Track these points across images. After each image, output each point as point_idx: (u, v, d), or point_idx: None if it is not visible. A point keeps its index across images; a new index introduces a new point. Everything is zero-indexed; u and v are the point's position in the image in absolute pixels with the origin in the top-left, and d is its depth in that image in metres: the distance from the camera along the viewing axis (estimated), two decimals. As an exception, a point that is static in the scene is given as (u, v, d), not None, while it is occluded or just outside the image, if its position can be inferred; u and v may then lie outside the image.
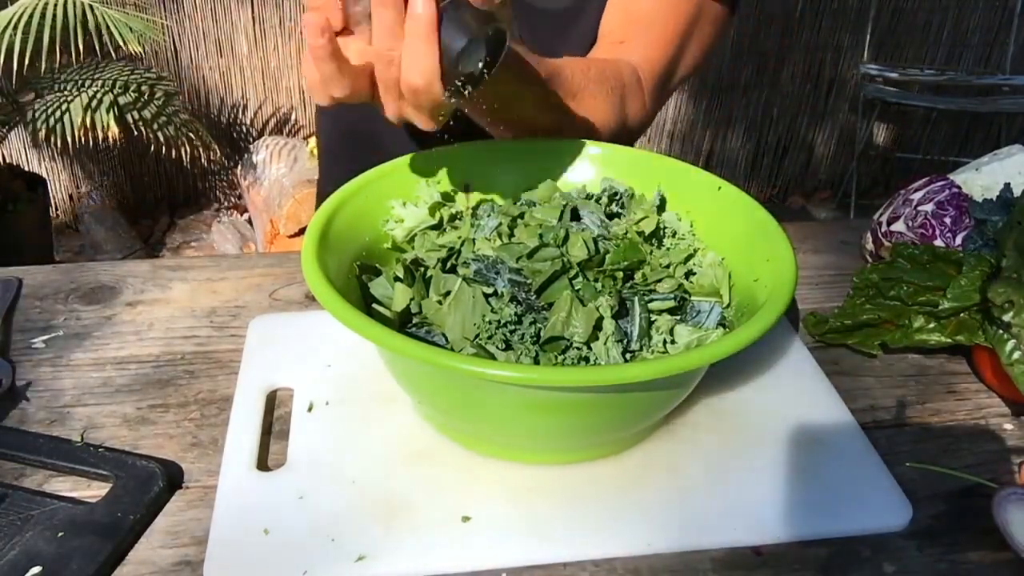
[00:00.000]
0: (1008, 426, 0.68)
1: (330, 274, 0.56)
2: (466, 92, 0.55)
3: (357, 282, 0.62)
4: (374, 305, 0.61)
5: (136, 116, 2.27)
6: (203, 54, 2.73)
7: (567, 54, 0.76)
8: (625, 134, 0.84)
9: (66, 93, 2.24)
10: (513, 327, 0.58)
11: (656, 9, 0.84)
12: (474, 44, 0.53)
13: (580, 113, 0.76)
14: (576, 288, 0.59)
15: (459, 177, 0.72)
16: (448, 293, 0.60)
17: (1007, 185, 0.80)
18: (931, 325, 0.72)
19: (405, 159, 0.70)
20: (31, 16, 2.00)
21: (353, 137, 1.01)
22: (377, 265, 0.65)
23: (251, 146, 2.75)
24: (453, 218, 0.69)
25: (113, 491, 0.57)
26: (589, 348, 0.57)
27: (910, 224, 0.81)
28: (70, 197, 2.84)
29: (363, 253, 0.65)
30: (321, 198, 1.15)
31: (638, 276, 0.63)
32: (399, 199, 0.68)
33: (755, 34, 2.95)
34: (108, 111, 2.21)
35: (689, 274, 0.66)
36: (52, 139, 2.21)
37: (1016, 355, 0.64)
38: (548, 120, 0.75)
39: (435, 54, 0.53)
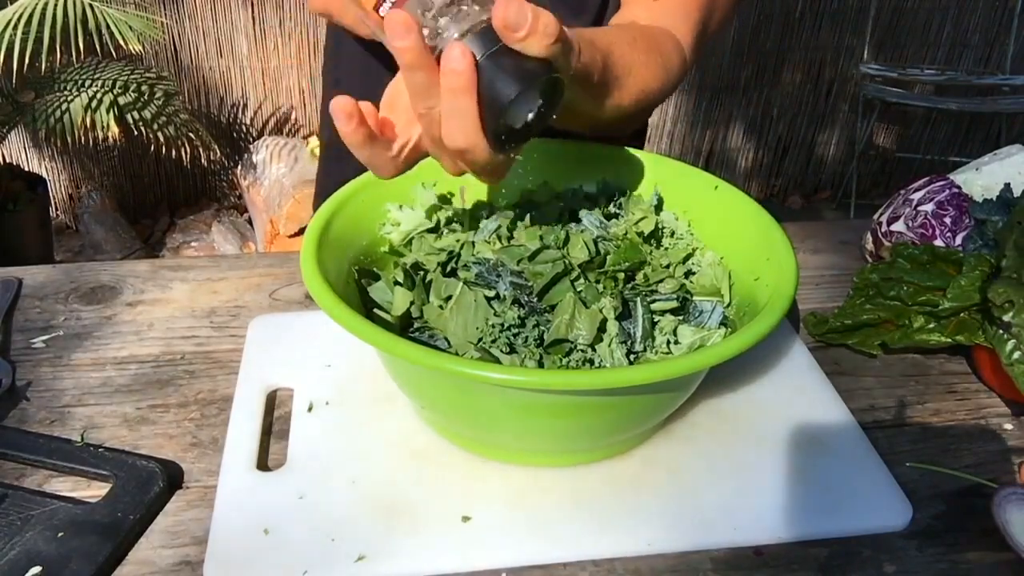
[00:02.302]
0: (1008, 426, 0.68)
1: (330, 278, 0.56)
2: (517, 146, 0.50)
3: (356, 286, 0.62)
4: (375, 310, 0.61)
5: (136, 116, 2.27)
6: (203, 54, 2.73)
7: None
8: (667, 94, 0.81)
9: (66, 93, 2.24)
10: (516, 330, 0.58)
11: None
12: (524, 95, 0.46)
13: (633, 89, 0.71)
14: (578, 290, 0.59)
15: (455, 180, 0.71)
16: (450, 297, 0.59)
17: (1007, 185, 0.80)
18: (931, 325, 0.72)
19: None
20: (31, 16, 2.00)
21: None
22: (375, 269, 0.64)
23: (251, 146, 2.75)
24: (450, 221, 0.69)
25: (113, 491, 0.57)
26: (593, 350, 0.57)
27: (910, 224, 0.81)
28: (70, 197, 2.84)
29: (361, 257, 0.64)
30: (321, 196, 1.15)
31: (639, 277, 0.63)
32: (395, 202, 0.68)
33: (755, 34, 2.95)
34: (108, 111, 2.21)
35: (688, 273, 0.66)
36: (52, 139, 2.21)
37: (1016, 355, 0.64)
38: (609, 111, 0.69)
39: (474, 112, 0.46)
